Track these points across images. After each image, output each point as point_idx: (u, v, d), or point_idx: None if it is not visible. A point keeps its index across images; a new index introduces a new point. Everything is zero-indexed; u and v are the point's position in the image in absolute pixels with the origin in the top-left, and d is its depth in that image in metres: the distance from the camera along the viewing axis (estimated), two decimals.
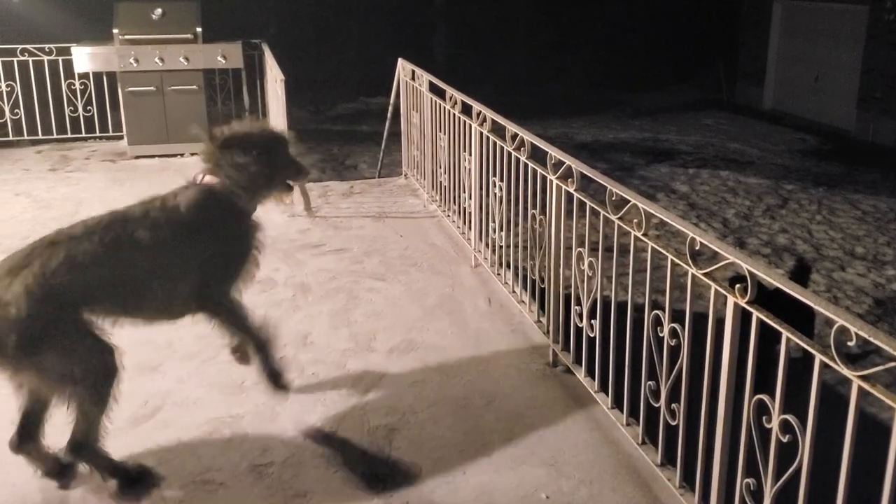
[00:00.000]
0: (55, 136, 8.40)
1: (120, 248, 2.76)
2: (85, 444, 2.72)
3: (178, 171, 7.18)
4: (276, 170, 3.17)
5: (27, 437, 2.79)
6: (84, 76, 8.15)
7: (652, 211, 2.80)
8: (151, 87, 7.69)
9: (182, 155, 7.87)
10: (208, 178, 3.05)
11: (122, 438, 3.13)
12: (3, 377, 2.64)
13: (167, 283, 2.89)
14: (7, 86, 8.10)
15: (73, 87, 8.25)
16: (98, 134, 8.52)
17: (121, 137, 8.21)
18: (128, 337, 2.87)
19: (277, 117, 6.63)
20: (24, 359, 2.54)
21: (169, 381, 3.54)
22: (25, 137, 8.32)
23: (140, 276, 2.83)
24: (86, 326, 2.67)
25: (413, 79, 6.19)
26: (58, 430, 2.79)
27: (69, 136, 8.43)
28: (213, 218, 2.98)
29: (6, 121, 8.21)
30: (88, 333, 2.67)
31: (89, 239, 2.71)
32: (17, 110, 8.17)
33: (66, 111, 8.33)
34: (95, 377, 2.66)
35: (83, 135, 8.47)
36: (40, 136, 8.36)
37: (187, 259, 2.92)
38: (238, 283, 3.11)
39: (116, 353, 2.71)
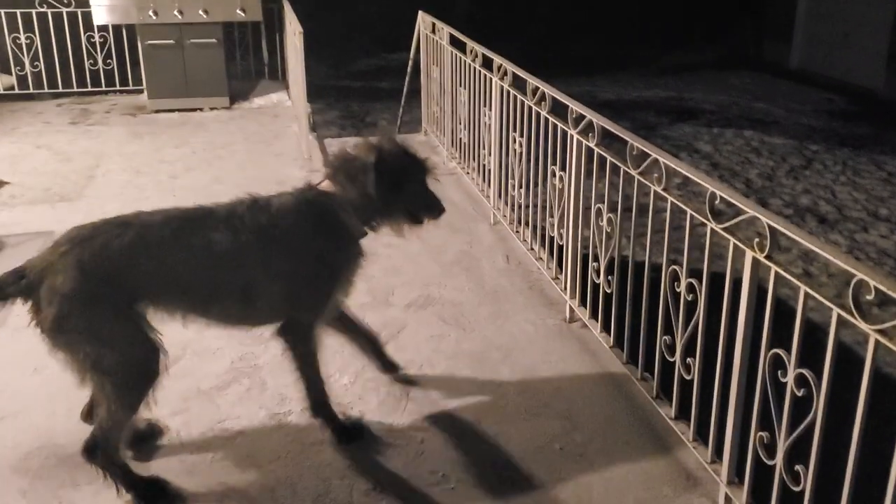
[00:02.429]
0: (75, 89, 8.43)
1: (194, 246, 2.52)
2: (102, 447, 2.50)
3: (199, 125, 7.27)
4: (405, 199, 2.75)
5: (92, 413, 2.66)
6: (103, 29, 8.15)
7: (673, 165, 2.77)
8: (170, 41, 7.67)
9: (201, 109, 7.88)
10: (325, 185, 2.72)
11: None
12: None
13: (241, 293, 2.61)
14: (27, 38, 8.11)
15: (92, 40, 8.26)
16: (118, 87, 8.55)
17: (141, 91, 8.23)
18: None
19: (296, 72, 6.59)
20: (57, 335, 2.39)
21: (189, 330, 3.53)
22: (46, 90, 8.36)
23: (210, 280, 2.58)
24: (133, 317, 2.47)
25: (433, 32, 6.12)
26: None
27: (89, 89, 8.45)
28: (309, 230, 2.64)
29: (26, 73, 8.24)
30: (134, 325, 2.47)
31: (164, 229, 2.51)
32: (36, 63, 8.20)
33: (87, 64, 8.34)
34: (128, 374, 2.46)
35: (103, 88, 8.50)
36: (61, 90, 8.40)
37: (270, 271, 2.59)
38: (328, 313, 2.81)
39: (161, 356, 2.52)
